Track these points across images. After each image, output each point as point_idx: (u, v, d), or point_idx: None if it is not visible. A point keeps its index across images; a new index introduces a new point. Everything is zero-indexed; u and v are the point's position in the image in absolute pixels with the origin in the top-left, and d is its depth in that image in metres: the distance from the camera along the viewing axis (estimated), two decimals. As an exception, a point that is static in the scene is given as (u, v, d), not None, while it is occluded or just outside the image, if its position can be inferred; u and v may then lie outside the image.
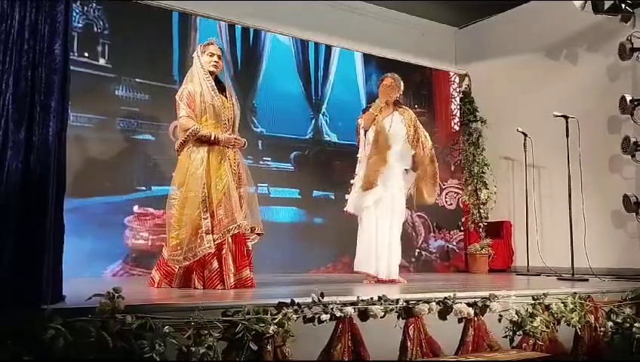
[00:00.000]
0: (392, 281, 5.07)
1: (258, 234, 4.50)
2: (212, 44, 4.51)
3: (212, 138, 4.27)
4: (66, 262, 2.91)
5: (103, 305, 2.42)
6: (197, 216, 4.15)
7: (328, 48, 7.50)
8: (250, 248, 4.43)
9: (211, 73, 4.42)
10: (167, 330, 2.50)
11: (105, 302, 2.43)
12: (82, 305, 2.52)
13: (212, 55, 4.44)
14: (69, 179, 2.99)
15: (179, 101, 4.33)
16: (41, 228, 2.58)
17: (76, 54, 5.71)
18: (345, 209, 5.33)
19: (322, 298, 3.00)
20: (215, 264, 4.18)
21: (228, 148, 4.37)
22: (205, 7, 6.50)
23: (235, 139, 4.43)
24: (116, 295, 2.47)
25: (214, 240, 4.13)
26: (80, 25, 5.82)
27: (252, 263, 4.39)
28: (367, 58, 7.79)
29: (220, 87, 4.46)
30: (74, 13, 5.66)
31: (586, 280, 5.40)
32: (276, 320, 2.78)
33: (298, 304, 2.92)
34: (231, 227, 4.17)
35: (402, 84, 5.50)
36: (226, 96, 4.47)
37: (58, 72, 2.71)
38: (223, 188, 4.24)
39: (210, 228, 4.14)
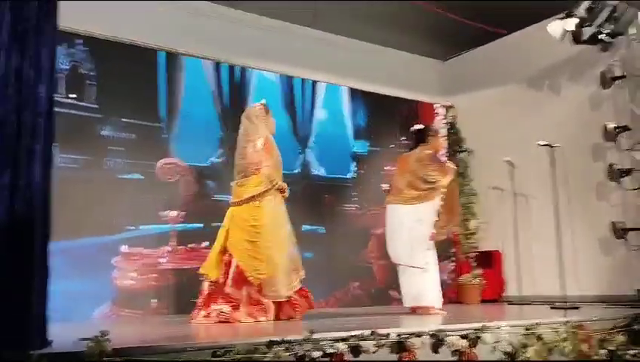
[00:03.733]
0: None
1: None
2: None
3: (284, 189, 5.06)
4: (54, 305, 2.87)
5: (90, 349, 2.39)
6: (285, 257, 4.85)
7: (314, 83, 7.57)
8: None
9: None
10: (155, 373, 2.46)
11: (92, 346, 2.40)
12: (69, 349, 2.48)
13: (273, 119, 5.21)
14: (56, 220, 2.96)
15: (261, 151, 4.92)
16: (26, 272, 2.55)
17: (63, 95, 5.73)
18: (417, 265, 5.49)
19: (312, 334, 2.98)
20: None
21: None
22: (191, 47, 6.57)
23: None
24: (103, 338, 2.43)
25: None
26: (66, 66, 5.84)
27: None
28: (354, 92, 7.87)
29: None
30: (60, 55, 5.69)
31: (577, 308, 5.39)
32: (267, 359, 2.75)
33: (289, 341, 2.89)
34: (302, 270, 4.99)
35: None
36: None
37: (43, 115, 2.72)
38: (290, 232, 5.04)
39: (293, 266, 4.91)
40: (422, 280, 5.43)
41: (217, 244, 4.90)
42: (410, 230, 5.46)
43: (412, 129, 5.89)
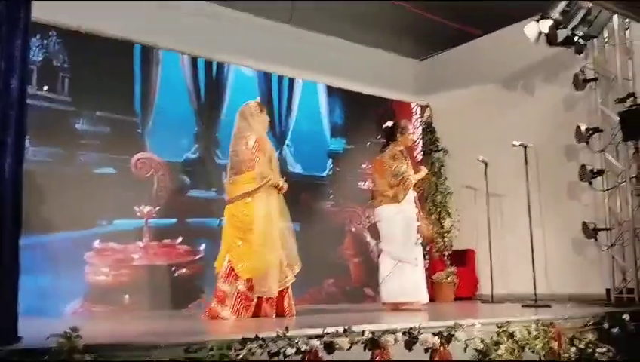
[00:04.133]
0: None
1: None
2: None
3: (280, 186, 4.94)
4: (24, 301, 2.82)
5: (60, 345, 2.35)
6: (278, 253, 4.80)
7: (291, 80, 7.55)
8: None
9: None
10: (127, 370, 2.44)
11: (62, 342, 2.36)
12: (39, 345, 2.44)
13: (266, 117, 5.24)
14: (28, 214, 2.92)
15: (253, 149, 4.91)
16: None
17: (35, 88, 5.63)
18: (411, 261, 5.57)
19: (287, 331, 2.97)
20: None
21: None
22: (168, 41, 6.51)
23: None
24: (74, 334, 2.40)
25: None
26: (39, 58, 5.74)
27: None
28: (331, 89, 7.87)
29: None
30: (33, 47, 5.59)
31: (549, 306, 5.47)
32: (240, 356, 2.74)
33: (263, 338, 2.88)
34: (297, 264, 4.99)
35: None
36: None
37: (15, 107, 2.67)
38: (287, 228, 5.01)
39: (286, 262, 4.89)
40: (412, 276, 5.51)
41: (224, 243, 4.96)
42: (400, 227, 5.55)
43: (383, 127, 5.93)
